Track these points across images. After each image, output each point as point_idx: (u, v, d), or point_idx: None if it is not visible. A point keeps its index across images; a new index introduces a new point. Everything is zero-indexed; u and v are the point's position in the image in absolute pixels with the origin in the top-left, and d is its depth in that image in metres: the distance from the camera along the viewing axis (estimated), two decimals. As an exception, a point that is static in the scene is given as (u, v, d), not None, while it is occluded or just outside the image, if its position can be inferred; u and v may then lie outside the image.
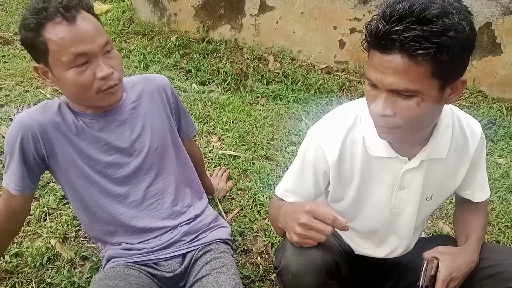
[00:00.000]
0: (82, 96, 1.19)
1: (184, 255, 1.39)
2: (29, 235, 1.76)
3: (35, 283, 1.57)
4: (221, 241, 1.45)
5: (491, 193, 1.29)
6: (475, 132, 1.15)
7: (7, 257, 1.63)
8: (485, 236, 1.85)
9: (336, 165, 1.14)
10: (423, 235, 1.43)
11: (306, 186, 1.21)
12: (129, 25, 3.53)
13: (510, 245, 1.87)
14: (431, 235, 1.87)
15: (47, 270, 1.62)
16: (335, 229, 0.98)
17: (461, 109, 1.18)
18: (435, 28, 0.82)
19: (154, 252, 1.36)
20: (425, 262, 1.12)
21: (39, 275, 1.60)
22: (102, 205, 1.33)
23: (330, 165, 1.14)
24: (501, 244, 1.87)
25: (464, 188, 1.24)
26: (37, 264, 1.62)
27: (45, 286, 1.57)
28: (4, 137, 1.25)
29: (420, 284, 1.10)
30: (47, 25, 1.09)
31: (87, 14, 1.15)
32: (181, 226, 1.40)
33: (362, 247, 1.32)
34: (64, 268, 1.63)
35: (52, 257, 1.68)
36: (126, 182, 1.34)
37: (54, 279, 1.59)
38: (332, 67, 3.16)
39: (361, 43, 0.95)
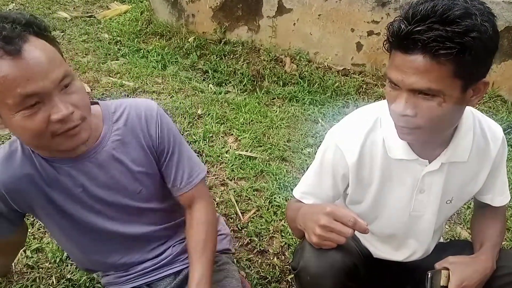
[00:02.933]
0: (35, 143, 0.97)
1: (178, 272, 1.30)
2: (49, 231, 1.79)
3: (55, 279, 1.60)
4: (219, 252, 1.35)
5: (510, 198, 1.28)
6: (496, 136, 1.14)
7: (28, 252, 1.67)
8: (504, 242, 1.83)
9: (355, 167, 1.13)
10: (441, 240, 1.42)
11: (324, 189, 1.21)
12: (147, 26, 3.57)
13: (530, 251, 1.84)
14: (449, 240, 1.85)
15: (67, 266, 1.65)
16: (354, 232, 0.98)
17: (479, 113, 1.17)
18: (458, 28, 0.82)
19: (145, 274, 1.28)
20: (429, 274, 1.11)
21: (59, 271, 1.63)
22: (89, 250, 1.23)
23: (349, 167, 1.13)
24: (520, 250, 1.84)
25: (484, 192, 1.23)
26: (57, 260, 1.65)
27: (65, 281, 1.60)
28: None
29: None
30: None
31: (38, 41, 0.89)
32: (173, 247, 1.29)
33: (381, 251, 1.32)
34: (83, 264, 1.66)
35: (71, 253, 1.70)
36: (110, 232, 1.19)
37: (74, 275, 1.61)
38: (349, 69, 3.15)
39: (383, 44, 0.95)
